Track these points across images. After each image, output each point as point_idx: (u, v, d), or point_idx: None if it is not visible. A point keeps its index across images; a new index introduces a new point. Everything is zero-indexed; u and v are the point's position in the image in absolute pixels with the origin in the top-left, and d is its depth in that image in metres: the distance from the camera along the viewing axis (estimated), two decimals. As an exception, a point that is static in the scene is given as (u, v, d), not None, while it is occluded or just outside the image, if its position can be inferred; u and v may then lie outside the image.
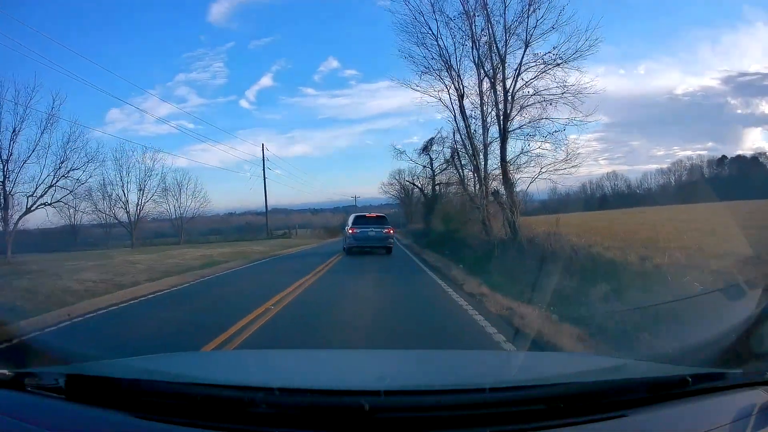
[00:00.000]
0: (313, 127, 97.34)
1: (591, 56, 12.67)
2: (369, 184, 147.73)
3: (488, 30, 13.73)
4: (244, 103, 79.90)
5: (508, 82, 13.60)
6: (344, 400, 1.37)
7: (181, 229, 38.96)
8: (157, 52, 62.37)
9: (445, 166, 29.53)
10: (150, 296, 8.72)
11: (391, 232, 17.56)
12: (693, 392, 1.39)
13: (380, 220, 17.65)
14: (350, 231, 17.28)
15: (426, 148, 29.76)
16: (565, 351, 3.94)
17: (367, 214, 18.33)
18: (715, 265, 5.24)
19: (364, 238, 16.96)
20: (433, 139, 28.97)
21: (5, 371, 1.59)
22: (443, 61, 14.70)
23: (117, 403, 1.43)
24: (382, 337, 5.13)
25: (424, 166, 31.80)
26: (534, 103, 13.46)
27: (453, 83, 14.89)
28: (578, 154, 13.48)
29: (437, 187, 31.65)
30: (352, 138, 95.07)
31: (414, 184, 35.60)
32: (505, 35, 13.54)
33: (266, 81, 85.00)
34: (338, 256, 17.18)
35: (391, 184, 53.49)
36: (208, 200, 40.18)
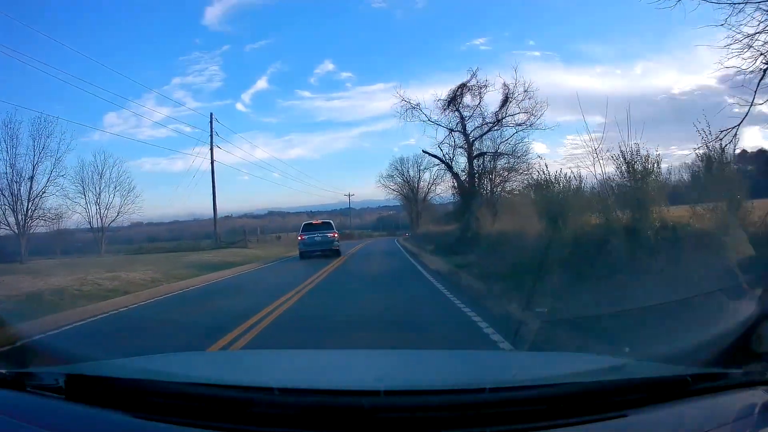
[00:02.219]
0: (310, 130, 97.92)
1: None
2: (368, 186, 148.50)
3: None
4: (240, 107, 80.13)
5: None
6: (344, 400, 1.38)
7: (102, 236, 28.83)
8: (152, 56, 62.10)
9: (491, 123, 18.55)
10: None
11: (336, 236, 19.71)
12: (693, 392, 1.39)
13: (325, 226, 19.98)
14: (299, 238, 19.78)
15: (454, 100, 18.80)
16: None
17: (314, 221, 21.12)
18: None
19: (311, 243, 19.06)
20: (465, 84, 18.65)
21: (5, 371, 1.59)
22: None
23: (117, 403, 1.43)
24: None
25: (452, 130, 19.42)
26: None
27: None
28: None
29: (476, 162, 19.37)
30: (349, 141, 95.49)
31: (436, 157, 20.43)
32: None
33: (262, 84, 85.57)
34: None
35: (391, 176, 43.99)
36: (137, 196, 30.20)
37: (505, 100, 18.80)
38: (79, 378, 1.53)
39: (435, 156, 20.97)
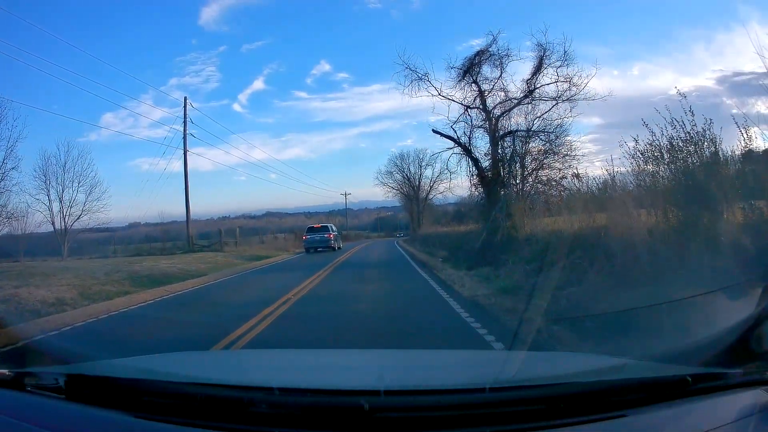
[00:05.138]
0: (307, 130, 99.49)
1: None
2: (366, 186, 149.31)
3: None
4: (237, 107, 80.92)
5: None
6: (344, 399, 1.38)
7: (65, 237, 25.32)
8: (149, 56, 62.41)
9: (523, 96, 14.79)
10: None
11: (331, 236, 25.94)
12: (693, 392, 1.39)
13: (324, 229, 26.49)
14: (304, 237, 26.57)
15: (470, 70, 15.22)
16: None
17: (315, 225, 27.68)
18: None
19: (312, 241, 25.59)
20: (483, 51, 15.10)
21: (5, 371, 1.59)
22: None
23: (117, 403, 1.43)
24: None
25: (468, 107, 15.51)
26: None
27: None
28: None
29: (501, 143, 15.11)
30: (346, 141, 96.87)
31: (450, 138, 15.81)
32: None
33: (259, 84, 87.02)
34: None
35: (391, 173, 43.46)
36: (103, 192, 26.13)
37: (539, 65, 14.75)
38: (79, 378, 1.53)
39: (448, 137, 16.05)
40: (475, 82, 15.44)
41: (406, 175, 43.55)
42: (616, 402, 1.35)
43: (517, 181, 15.38)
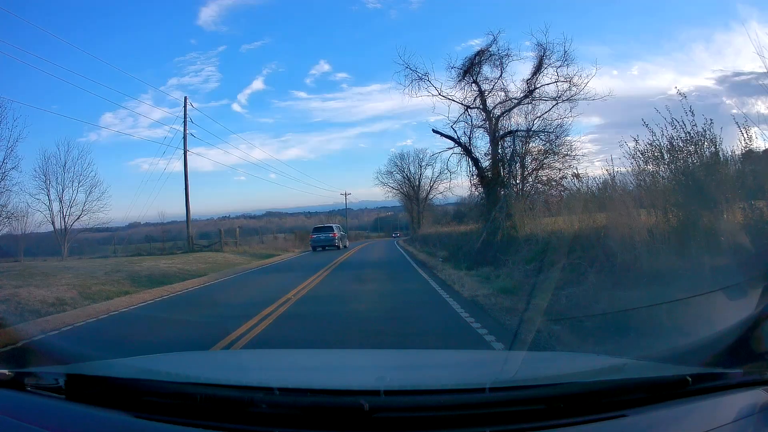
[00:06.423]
0: (307, 130, 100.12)
1: None
2: (366, 186, 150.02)
3: None
4: (236, 107, 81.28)
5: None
6: (344, 399, 1.38)
7: (65, 237, 25.28)
8: (148, 57, 62.47)
9: (523, 95, 14.78)
10: None
11: (335, 235, 27.51)
12: (693, 392, 1.39)
13: (329, 229, 28.50)
14: (310, 236, 28.78)
15: (470, 70, 15.24)
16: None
17: (320, 225, 30.17)
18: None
19: (318, 240, 27.46)
20: (484, 51, 15.13)
21: (5, 371, 1.59)
22: None
23: (117, 403, 1.43)
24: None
25: (468, 107, 15.52)
26: None
27: None
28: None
29: (501, 143, 15.04)
30: (346, 141, 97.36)
31: (450, 138, 15.72)
32: None
33: (258, 84, 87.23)
34: None
35: (390, 173, 43.81)
36: (103, 192, 26.29)
37: (539, 65, 14.72)
38: (79, 378, 1.53)
39: (448, 137, 15.95)
40: (475, 82, 15.45)
41: (406, 175, 43.96)
42: (616, 402, 1.35)
43: (517, 181, 15.38)
